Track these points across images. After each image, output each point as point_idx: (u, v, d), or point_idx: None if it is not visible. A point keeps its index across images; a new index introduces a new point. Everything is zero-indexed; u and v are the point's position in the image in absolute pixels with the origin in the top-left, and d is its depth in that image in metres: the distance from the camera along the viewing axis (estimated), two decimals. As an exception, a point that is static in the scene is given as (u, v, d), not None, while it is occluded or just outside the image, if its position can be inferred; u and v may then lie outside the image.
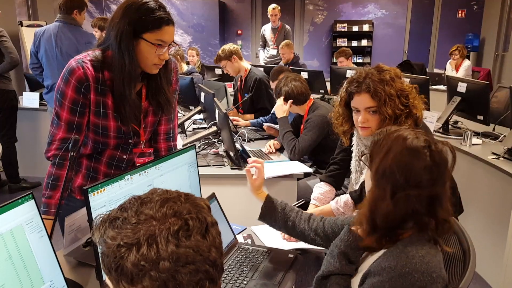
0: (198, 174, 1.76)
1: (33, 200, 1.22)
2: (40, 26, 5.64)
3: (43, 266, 1.21)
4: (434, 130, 3.52)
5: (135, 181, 1.44)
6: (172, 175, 1.62)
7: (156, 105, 1.71)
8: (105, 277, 0.80)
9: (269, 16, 6.70)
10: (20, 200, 1.18)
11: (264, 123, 3.49)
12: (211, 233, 0.78)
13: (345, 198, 1.86)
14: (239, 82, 4.03)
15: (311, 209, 1.99)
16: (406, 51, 9.71)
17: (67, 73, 1.56)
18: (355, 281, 1.19)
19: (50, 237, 1.28)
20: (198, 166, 1.75)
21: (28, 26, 6.31)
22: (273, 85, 3.69)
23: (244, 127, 3.66)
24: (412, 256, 1.06)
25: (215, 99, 2.88)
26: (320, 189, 2.08)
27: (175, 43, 1.63)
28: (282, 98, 2.87)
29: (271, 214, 1.55)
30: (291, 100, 2.86)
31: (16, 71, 5.51)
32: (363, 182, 1.74)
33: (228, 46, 3.86)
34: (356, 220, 1.23)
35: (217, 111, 2.78)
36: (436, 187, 1.09)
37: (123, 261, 0.72)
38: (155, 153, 1.82)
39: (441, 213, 1.11)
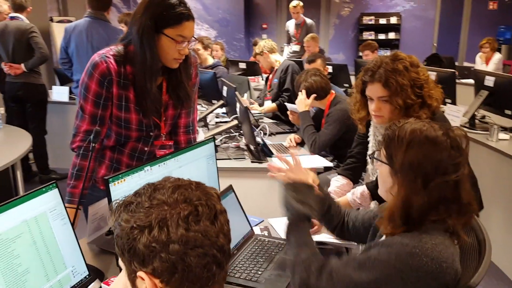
0: (217, 166, 1.80)
1: (56, 189, 1.28)
2: (70, 21, 5.79)
3: (66, 252, 1.27)
4: (460, 124, 3.45)
5: (155, 172, 1.48)
6: (191, 166, 1.66)
7: (176, 99, 1.75)
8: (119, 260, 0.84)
9: (291, 13, 6.70)
10: (44, 189, 1.24)
11: (287, 104, 3.49)
12: (220, 220, 0.81)
13: (361, 189, 1.86)
14: (272, 75, 4.19)
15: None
16: (435, 44, 9.50)
17: (91, 68, 1.62)
18: None
19: (72, 225, 1.34)
20: (216, 159, 1.78)
21: (59, 21, 6.47)
22: (307, 66, 3.86)
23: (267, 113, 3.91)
24: (425, 241, 1.07)
25: (236, 92, 2.90)
26: (337, 182, 2.09)
27: (195, 38, 1.67)
28: (304, 92, 2.88)
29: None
30: (314, 95, 2.86)
31: (47, 65, 5.68)
32: None
33: (263, 42, 4.11)
34: (384, 217, 1.22)
35: (238, 105, 2.80)
36: (460, 171, 1.12)
37: (136, 243, 0.76)
38: (175, 145, 1.86)
39: (465, 196, 1.13)
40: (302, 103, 2.87)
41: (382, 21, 9.63)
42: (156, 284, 0.77)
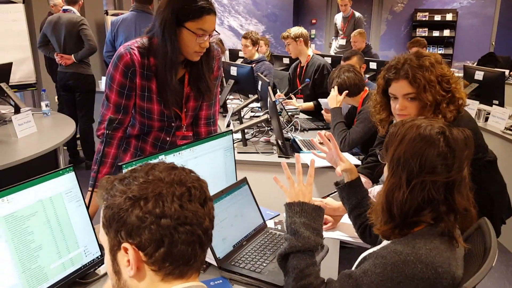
0: (234, 159, 1.83)
1: (73, 172, 1.35)
2: (123, 15, 6.01)
3: (79, 232, 1.34)
4: (504, 127, 3.28)
5: (169, 161, 1.52)
6: (207, 158, 1.70)
7: (197, 91, 1.80)
8: (100, 233, 0.87)
9: (339, 6, 6.60)
10: (61, 171, 1.32)
11: (321, 101, 3.45)
12: (208, 205, 0.86)
13: (379, 188, 1.83)
14: (298, 69, 4.10)
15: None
16: (494, 43, 9.03)
17: (116, 59, 1.69)
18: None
19: (87, 207, 1.41)
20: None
21: (113, 15, 6.74)
22: (343, 63, 3.74)
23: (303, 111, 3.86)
24: (419, 247, 1.05)
25: (269, 87, 2.91)
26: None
27: (217, 32, 1.70)
28: (336, 88, 2.85)
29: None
30: (346, 91, 2.82)
31: (99, 57, 5.93)
32: None
33: (300, 28, 4.08)
34: (373, 209, 1.22)
35: (268, 99, 2.82)
36: (452, 174, 1.08)
37: (127, 213, 0.80)
38: (195, 136, 1.91)
39: (460, 201, 1.09)
40: (334, 99, 2.83)
41: (437, 17, 9.26)
42: (140, 256, 0.81)
